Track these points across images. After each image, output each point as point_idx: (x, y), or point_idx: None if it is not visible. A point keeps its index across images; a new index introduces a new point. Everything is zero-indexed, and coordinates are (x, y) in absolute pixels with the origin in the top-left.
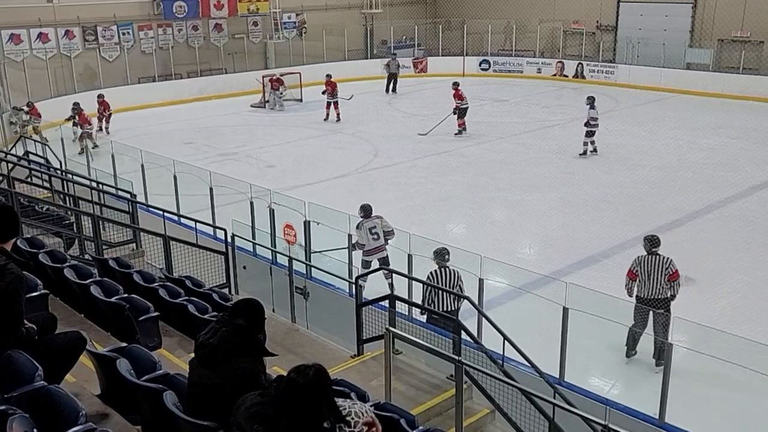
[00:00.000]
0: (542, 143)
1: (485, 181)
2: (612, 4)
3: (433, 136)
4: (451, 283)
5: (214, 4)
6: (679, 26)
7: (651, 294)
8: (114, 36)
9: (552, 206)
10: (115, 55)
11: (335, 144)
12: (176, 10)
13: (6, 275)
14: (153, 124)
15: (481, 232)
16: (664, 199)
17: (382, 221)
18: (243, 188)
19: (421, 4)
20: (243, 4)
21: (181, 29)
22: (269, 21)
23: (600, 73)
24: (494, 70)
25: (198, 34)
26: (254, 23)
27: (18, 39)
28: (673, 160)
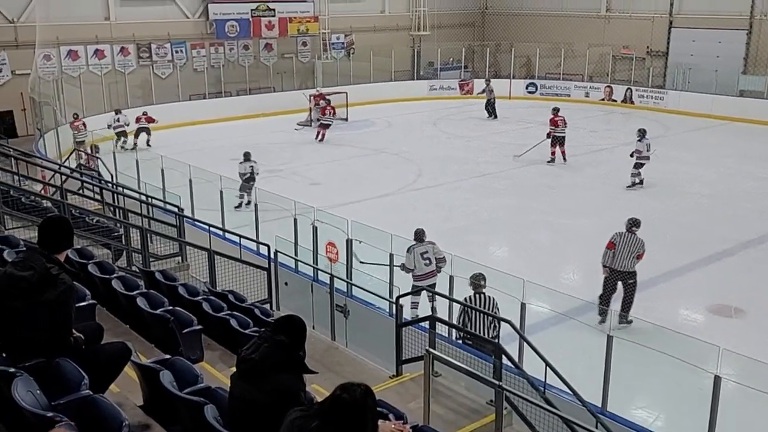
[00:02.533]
0: (589, 168)
1: (530, 204)
2: (663, 30)
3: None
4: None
5: (266, 24)
6: (732, 53)
7: (620, 266)
8: (167, 54)
9: (597, 231)
10: (167, 73)
11: (379, 163)
12: (228, 30)
13: (58, 285)
14: (202, 140)
15: (524, 256)
16: (713, 227)
17: (435, 247)
18: (287, 205)
19: (469, 26)
20: (293, 24)
21: (232, 48)
22: (318, 41)
23: (649, 99)
24: (541, 93)
25: (248, 53)
26: (303, 43)
27: (75, 55)
28: (723, 188)
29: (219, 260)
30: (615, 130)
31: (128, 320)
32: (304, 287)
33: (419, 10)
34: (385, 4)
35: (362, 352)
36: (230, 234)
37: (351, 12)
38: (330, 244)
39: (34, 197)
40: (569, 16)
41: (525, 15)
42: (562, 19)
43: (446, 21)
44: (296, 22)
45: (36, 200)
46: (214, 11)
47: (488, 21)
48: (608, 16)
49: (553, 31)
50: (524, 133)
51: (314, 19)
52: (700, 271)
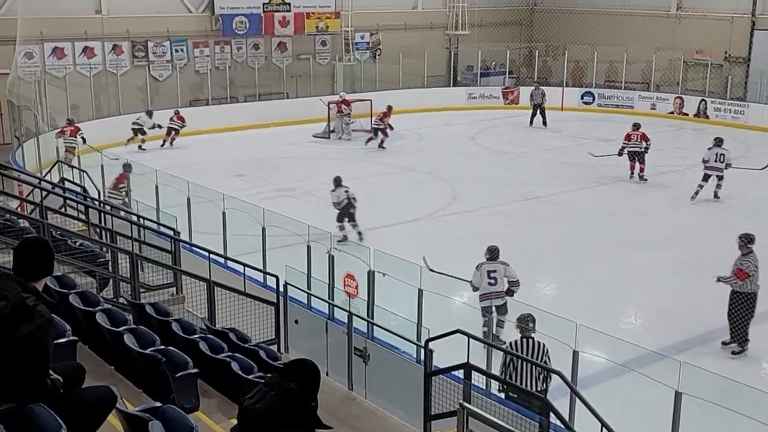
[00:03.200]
0: (655, 192)
1: (584, 233)
2: (744, 33)
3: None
4: (535, 357)
5: (279, 20)
6: None
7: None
8: (166, 53)
9: (664, 266)
10: (165, 74)
11: (408, 183)
12: (236, 26)
13: (35, 318)
14: (203, 152)
15: (576, 295)
16: None
17: (508, 269)
18: (300, 230)
19: (515, 25)
20: (311, 21)
21: (240, 47)
22: (339, 41)
23: (727, 113)
24: (599, 104)
25: (259, 53)
26: (322, 43)
27: (61, 53)
28: None
29: (220, 293)
30: (686, 149)
31: (114, 361)
32: (317, 326)
33: (457, 6)
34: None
35: (384, 405)
36: (233, 262)
37: (378, 7)
38: (349, 277)
39: (9, 216)
40: (633, 15)
41: (581, 13)
42: (624, 18)
43: (488, 19)
44: (315, 18)
45: (11, 219)
46: (220, 5)
47: (537, 19)
48: (679, 15)
49: (614, 32)
50: (578, 150)
51: (335, 15)
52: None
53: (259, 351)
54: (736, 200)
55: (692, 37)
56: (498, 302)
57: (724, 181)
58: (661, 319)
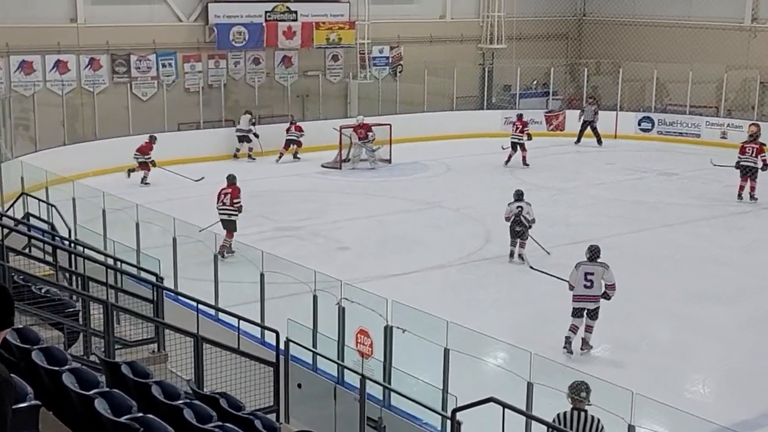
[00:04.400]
0: (727, 236)
1: (643, 284)
2: None
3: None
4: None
5: (284, 31)
6: None
7: None
8: (151, 68)
9: (739, 325)
10: (150, 93)
11: (434, 222)
12: (234, 38)
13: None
14: (193, 184)
15: (634, 358)
16: None
17: (606, 272)
18: (305, 276)
19: (560, 39)
20: (321, 32)
21: (238, 62)
22: (354, 55)
23: None
24: (659, 131)
25: (260, 68)
26: (334, 57)
27: (30, 67)
28: None
29: (209, 350)
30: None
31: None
32: (324, 392)
33: (492, 16)
34: (446, 6)
35: None
36: (226, 315)
37: (399, 16)
38: (362, 333)
39: None
40: (699, 27)
41: (638, 24)
42: (689, 31)
43: (529, 31)
44: (325, 28)
45: None
46: (215, 13)
47: (587, 32)
48: (755, 27)
49: (677, 47)
50: (636, 185)
51: (349, 26)
52: None
53: (255, 420)
54: None
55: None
56: (589, 306)
57: None
58: (734, 389)
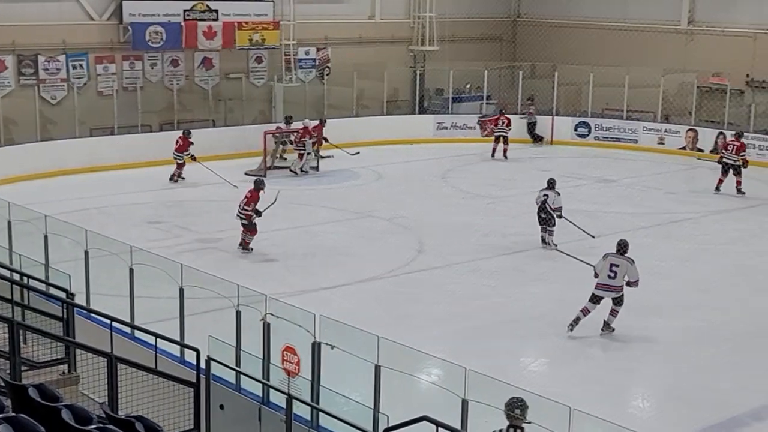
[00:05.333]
0: (666, 245)
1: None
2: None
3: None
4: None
5: (204, 31)
6: None
7: None
8: (61, 69)
9: (680, 339)
10: (60, 96)
11: (365, 232)
12: (150, 38)
13: None
14: (107, 194)
15: (572, 372)
16: None
17: (632, 266)
18: (228, 291)
19: (494, 41)
20: (244, 32)
21: (155, 64)
22: (278, 57)
23: (752, 149)
24: (596, 137)
25: (178, 71)
26: (257, 59)
27: None
28: None
29: (125, 371)
30: (703, 192)
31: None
32: (248, 413)
33: (423, 17)
34: (375, 6)
35: None
36: (142, 333)
37: (326, 16)
38: (288, 350)
39: None
40: (636, 30)
41: (574, 27)
42: (625, 34)
43: (462, 32)
44: (248, 29)
45: None
46: (130, 11)
47: (521, 34)
48: (692, 30)
49: (614, 50)
50: (573, 192)
51: (274, 26)
52: None
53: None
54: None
55: (707, 57)
56: (610, 295)
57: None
58: (675, 403)
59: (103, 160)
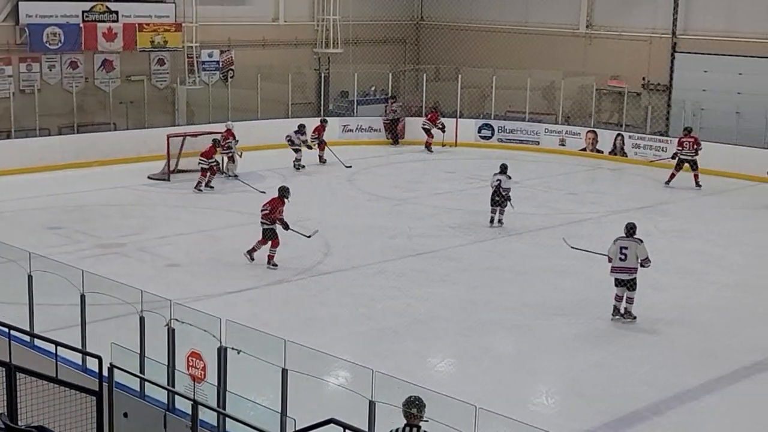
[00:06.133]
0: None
1: (485, 296)
2: (664, 56)
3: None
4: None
5: (104, 32)
6: (759, 89)
7: None
8: None
9: (581, 336)
10: None
11: None
12: (48, 40)
13: None
14: (4, 199)
15: (477, 372)
16: (740, 331)
17: (639, 247)
18: (131, 297)
19: (398, 43)
20: (145, 34)
21: (53, 66)
22: (181, 59)
23: (647, 149)
24: (499, 139)
25: (77, 73)
26: (159, 61)
27: None
28: (752, 276)
29: (24, 380)
30: (602, 193)
31: None
32: (153, 420)
33: (327, 19)
34: (278, 9)
35: None
36: (42, 341)
37: (230, 18)
38: (194, 356)
39: None
40: (536, 33)
41: (476, 30)
42: (527, 37)
43: (366, 35)
44: (150, 30)
45: None
46: (26, 12)
47: (425, 37)
48: (590, 34)
49: (515, 53)
50: (477, 194)
51: (176, 28)
52: (721, 394)
53: None
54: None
55: (606, 60)
56: (624, 277)
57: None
58: (577, 400)
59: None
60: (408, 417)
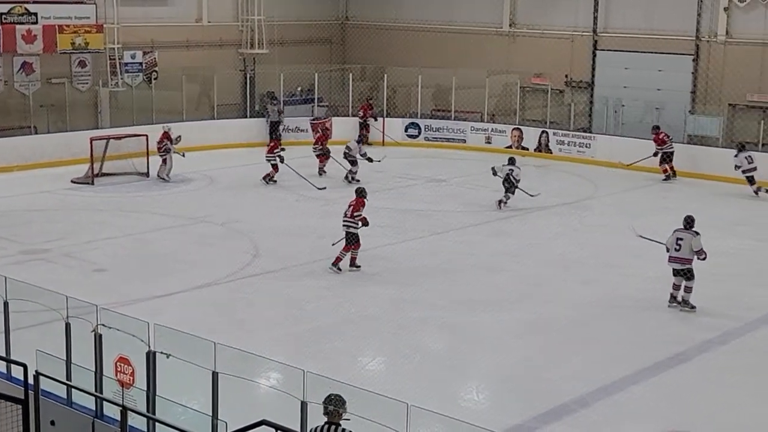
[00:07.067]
0: (496, 242)
1: (415, 294)
2: (586, 53)
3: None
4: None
5: (23, 34)
6: (677, 85)
7: None
8: None
9: (510, 332)
10: None
11: (199, 238)
12: None
13: None
14: None
15: (408, 370)
16: (664, 323)
17: (695, 239)
18: (57, 303)
19: (323, 44)
20: (66, 36)
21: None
22: (103, 61)
23: (572, 146)
24: (426, 137)
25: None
26: (81, 63)
27: None
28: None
29: None
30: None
31: None
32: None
33: (252, 20)
34: (202, 10)
35: None
36: None
37: (152, 19)
38: (122, 361)
39: None
40: (461, 32)
41: (401, 29)
42: (451, 36)
43: (291, 35)
44: (70, 32)
45: None
46: None
47: (350, 36)
48: (513, 33)
49: (441, 52)
50: (405, 193)
51: (97, 29)
52: (646, 384)
53: None
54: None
55: (529, 58)
56: (677, 266)
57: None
58: (507, 395)
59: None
60: (328, 415)
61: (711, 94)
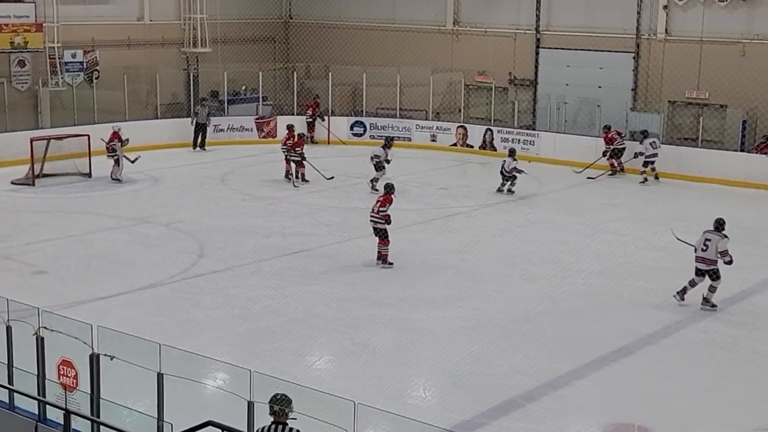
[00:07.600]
0: (441, 239)
1: (361, 292)
2: (529, 51)
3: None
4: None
5: None
6: (618, 82)
7: None
8: None
9: (456, 329)
10: None
11: (142, 239)
12: None
13: None
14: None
15: (355, 368)
16: (606, 317)
17: (722, 241)
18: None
19: (267, 42)
20: (4, 35)
21: None
22: (43, 60)
23: (516, 143)
24: (372, 135)
25: None
26: (20, 62)
27: None
28: (616, 263)
29: None
30: (473, 187)
31: None
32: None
33: (194, 18)
34: (144, 7)
35: None
36: None
37: (93, 18)
38: (65, 364)
39: None
40: (405, 31)
41: (344, 28)
42: (395, 34)
43: (234, 34)
44: (9, 31)
45: None
46: None
47: (294, 35)
48: (456, 31)
49: (385, 50)
50: (351, 192)
51: (37, 28)
52: (591, 378)
53: None
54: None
55: (473, 56)
56: (702, 266)
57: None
58: (453, 391)
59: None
60: (274, 414)
61: (651, 92)
